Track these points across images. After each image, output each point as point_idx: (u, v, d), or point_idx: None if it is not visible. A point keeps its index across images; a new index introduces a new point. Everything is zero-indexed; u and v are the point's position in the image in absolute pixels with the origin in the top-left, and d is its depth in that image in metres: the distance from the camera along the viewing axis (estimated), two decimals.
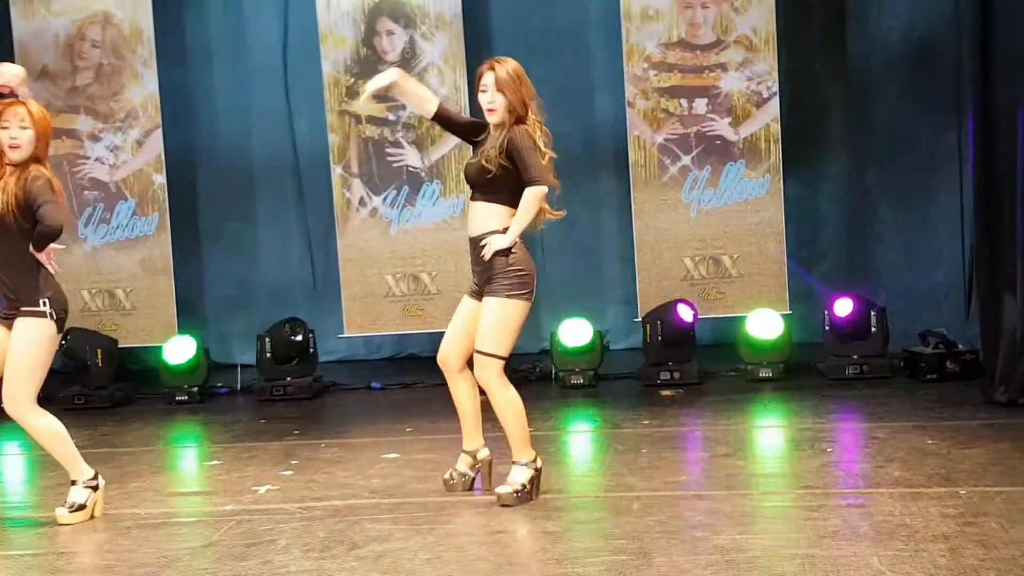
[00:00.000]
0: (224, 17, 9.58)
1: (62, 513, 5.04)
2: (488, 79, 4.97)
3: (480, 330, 4.99)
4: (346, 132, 8.73)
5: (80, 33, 8.80)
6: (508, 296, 4.96)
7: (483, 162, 4.94)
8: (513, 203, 4.99)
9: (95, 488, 5.12)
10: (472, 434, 5.26)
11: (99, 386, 8.31)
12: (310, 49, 8.96)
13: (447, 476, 5.32)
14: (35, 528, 5.06)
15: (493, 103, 4.95)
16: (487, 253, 4.96)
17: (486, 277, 5.00)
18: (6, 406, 4.98)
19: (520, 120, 4.97)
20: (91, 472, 5.12)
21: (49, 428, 5.03)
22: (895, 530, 4.38)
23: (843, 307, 7.91)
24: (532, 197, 4.93)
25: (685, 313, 8.01)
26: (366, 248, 8.74)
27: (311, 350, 8.52)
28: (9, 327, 4.94)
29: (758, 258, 8.36)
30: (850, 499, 4.89)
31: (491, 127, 5.03)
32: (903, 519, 4.52)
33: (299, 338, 8.44)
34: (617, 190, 9.17)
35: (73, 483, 5.10)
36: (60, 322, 5.01)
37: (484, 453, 5.28)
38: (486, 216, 5.01)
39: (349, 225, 8.76)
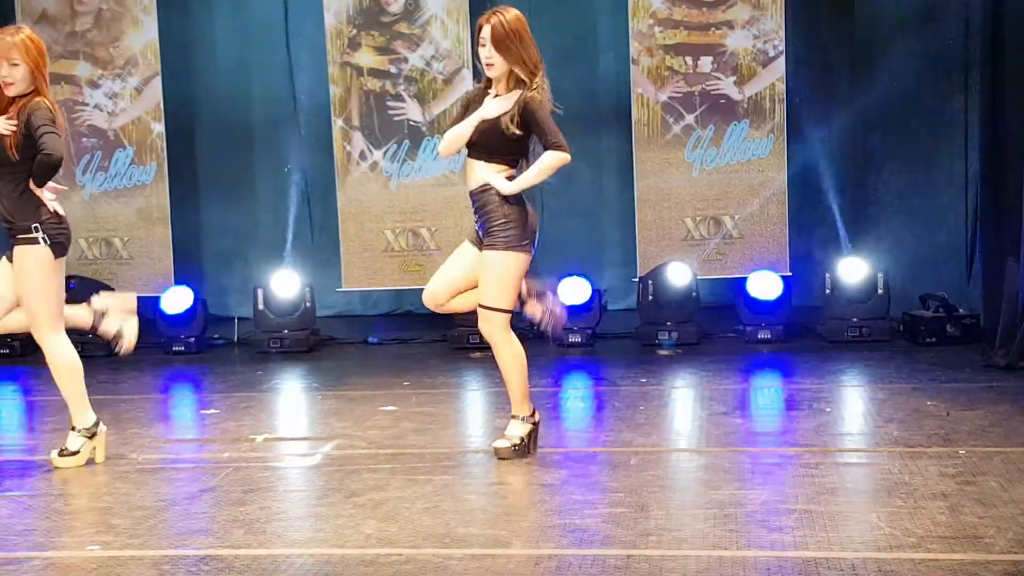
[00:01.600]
0: None
1: (54, 456, 5.03)
2: (486, 33, 4.86)
3: (483, 285, 4.95)
4: (348, 84, 8.65)
5: None
6: (507, 249, 4.90)
7: (503, 128, 4.83)
8: (511, 164, 4.95)
9: (92, 436, 5.10)
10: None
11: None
12: None
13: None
14: (34, 471, 5.05)
15: (491, 58, 4.85)
16: (486, 182, 4.89)
17: (485, 228, 4.95)
18: (33, 333, 5.00)
19: (531, 77, 4.86)
20: (92, 419, 5.09)
21: (67, 360, 5.04)
22: (894, 488, 4.39)
23: (849, 269, 7.91)
24: (555, 160, 4.89)
25: (678, 274, 7.98)
26: (366, 202, 8.69)
27: (308, 304, 8.48)
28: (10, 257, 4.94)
29: (760, 219, 8.33)
30: (849, 457, 4.90)
31: (492, 83, 4.93)
32: (902, 477, 4.52)
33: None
34: (618, 149, 9.10)
35: (73, 429, 5.08)
36: (58, 246, 4.98)
37: None
38: (487, 173, 4.94)
39: (349, 179, 8.71)
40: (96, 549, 3.94)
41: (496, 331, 4.95)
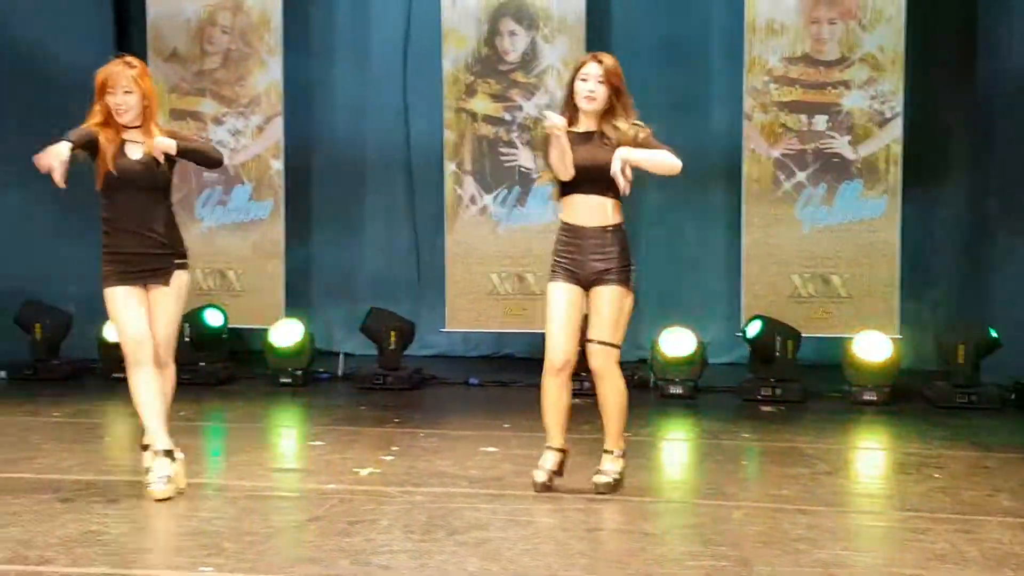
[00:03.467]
0: (349, 10, 9.74)
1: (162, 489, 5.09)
2: (592, 69, 5.03)
3: (605, 321, 5.04)
4: (462, 130, 8.82)
5: (211, 18, 9.04)
6: (628, 288, 5.06)
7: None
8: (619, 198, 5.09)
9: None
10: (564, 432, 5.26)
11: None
12: (431, 46, 9.07)
13: (542, 480, 5.26)
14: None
15: (595, 92, 5.02)
16: (618, 165, 4.89)
17: (604, 266, 5.04)
18: (160, 359, 5.12)
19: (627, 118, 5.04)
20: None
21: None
22: (1004, 558, 4.29)
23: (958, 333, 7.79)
24: (671, 159, 5.00)
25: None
26: (473, 245, 8.81)
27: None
28: (146, 284, 5.10)
29: (869, 279, 8.25)
30: (958, 524, 4.79)
31: (577, 118, 5.06)
32: (1012, 548, 4.41)
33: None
34: (726, 203, 9.10)
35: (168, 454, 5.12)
36: None
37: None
38: (609, 209, 5.07)
39: (458, 221, 8.85)
40: (209, 571, 4.04)
41: (612, 366, 5.07)
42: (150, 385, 5.03)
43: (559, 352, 5.08)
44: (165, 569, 4.09)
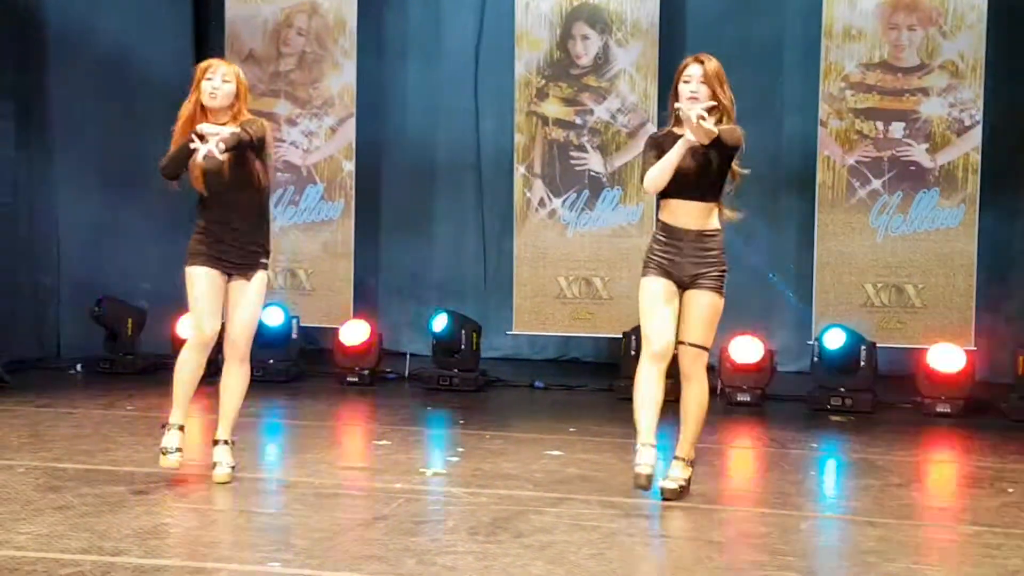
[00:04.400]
0: (423, 13, 9.80)
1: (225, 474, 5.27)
2: (694, 71, 5.04)
3: (698, 325, 5.09)
4: (532, 133, 8.83)
5: (288, 20, 9.15)
6: (721, 293, 5.11)
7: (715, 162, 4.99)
8: (719, 204, 5.13)
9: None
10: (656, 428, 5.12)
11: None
12: (503, 49, 9.10)
13: (648, 472, 5.09)
14: (218, 485, 5.25)
15: (696, 93, 5.01)
16: (696, 113, 4.85)
17: (700, 270, 5.06)
18: (239, 352, 5.24)
19: (730, 119, 5.06)
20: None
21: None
22: None
23: None
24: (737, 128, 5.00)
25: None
26: (542, 248, 8.82)
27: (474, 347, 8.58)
28: (229, 275, 5.18)
29: (944, 290, 8.11)
30: None
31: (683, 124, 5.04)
32: None
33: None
34: (799, 210, 9.00)
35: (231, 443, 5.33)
36: None
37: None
38: (707, 214, 5.09)
39: (527, 224, 8.86)
40: (277, 566, 4.09)
41: (701, 369, 5.13)
42: (193, 368, 5.18)
43: (660, 338, 5.03)
44: (235, 563, 4.14)
